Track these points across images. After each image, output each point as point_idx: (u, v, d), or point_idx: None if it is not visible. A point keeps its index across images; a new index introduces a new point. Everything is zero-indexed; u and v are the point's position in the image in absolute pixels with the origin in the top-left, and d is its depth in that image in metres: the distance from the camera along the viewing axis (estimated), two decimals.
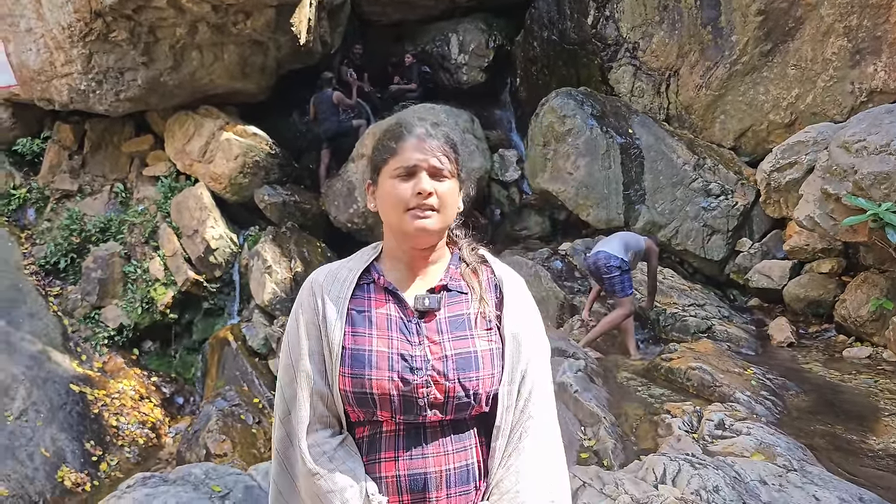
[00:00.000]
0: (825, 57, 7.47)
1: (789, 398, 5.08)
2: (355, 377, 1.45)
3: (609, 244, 6.29)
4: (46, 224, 9.79)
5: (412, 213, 1.47)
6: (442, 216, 1.50)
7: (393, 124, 1.58)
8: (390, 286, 1.55)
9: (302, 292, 1.60)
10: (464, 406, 1.47)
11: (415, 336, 1.49)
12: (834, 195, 6.13)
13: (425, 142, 1.50)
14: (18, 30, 9.00)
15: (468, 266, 1.62)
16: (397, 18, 12.05)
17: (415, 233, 1.49)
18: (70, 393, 7.72)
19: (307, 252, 8.91)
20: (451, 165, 1.52)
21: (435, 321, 1.51)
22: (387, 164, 1.52)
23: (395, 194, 1.49)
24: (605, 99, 8.91)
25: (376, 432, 1.50)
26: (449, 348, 1.48)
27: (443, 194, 1.49)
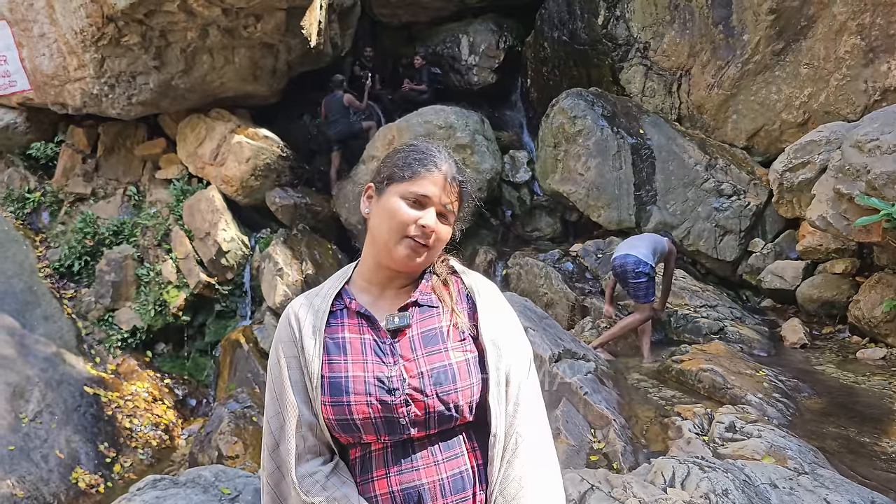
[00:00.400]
0: (838, 55, 7.40)
1: (802, 400, 5.04)
2: (335, 404, 1.46)
3: (638, 249, 6.18)
4: (60, 227, 9.88)
5: (407, 242, 1.49)
6: (430, 254, 1.53)
7: (425, 148, 1.59)
8: (362, 309, 1.55)
9: (280, 325, 1.61)
10: (446, 419, 1.47)
11: (389, 357, 1.49)
12: (847, 195, 6.08)
13: (450, 182, 1.54)
14: (32, 35, 9.09)
15: (439, 278, 1.62)
16: (407, 20, 12.06)
17: (401, 259, 1.51)
18: (84, 395, 7.78)
19: (318, 254, 8.94)
20: (457, 211, 1.58)
21: (408, 339, 1.51)
22: (402, 182, 1.53)
23: (398, 215, 1.50)
24: (615, 99, 8.88)
25: (366, 453, 1.50)
26: (423, 364, 1.47)
27: (440, 234, 1.53)
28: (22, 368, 7.59)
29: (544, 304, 7.51)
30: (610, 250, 7.90)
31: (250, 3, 8.06)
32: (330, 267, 8.83)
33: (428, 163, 1.54)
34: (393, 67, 12.27)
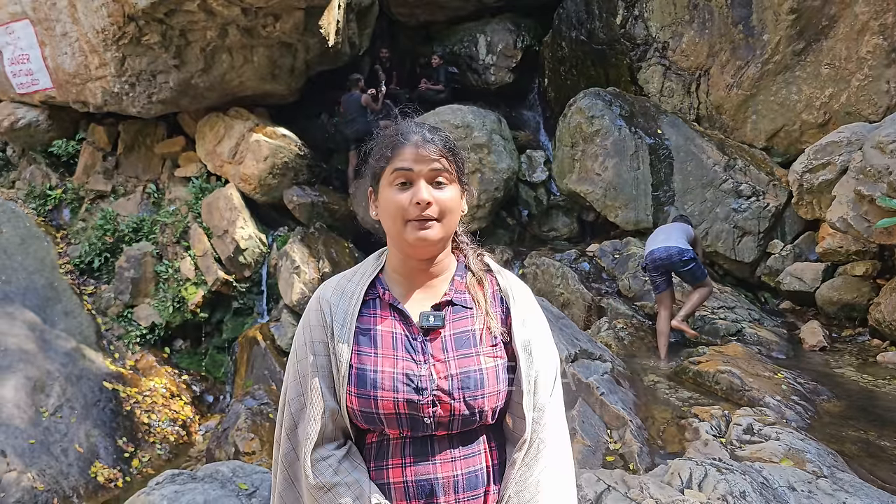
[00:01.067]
0: (860, 56, 7.33)
1: (821, 403, 5.00)
2: (362, 396, 1.46)
3: (674, 238, 6.20)
4: (81, 224, 10.00)
5: (412, 224, 1.45)
6: (443, 225, 1.47)
7: (389, 131, 1.55)
8: (395, 302, 1.54)
9: (309, 308, 1.60)
10: (469, 422, 1.47)
11: (420, 355, 1.48)
12: (868, 196, 6.02)
13: (422, 148, 1.47)
14: (54, 34, 9.20)
15: (473, 276, 1.59)
16: (425, 19, 12.07)
17: (415, 243, 1.47)
18: (103, 390, 7.87)
19: (335, 252, 8.98)
20: (451, 170, 1.49)
21: (440, 339, 1.50)
22: (384, 172, 1.50)
23: (393, 204, 1.47)
24: (633, 99, 8.84)
25: (384, 440, 1.50)
26: (454, 367, 1.47)
27: (443, 201, 1.46)
28: (42, 363, 7.69)
29: (560, 304, 7.49)
30: (627, 250, 7.88)
31: (269, 3, 8.10)
32: (346, 265, 8.86)
33: (395, 141, 1.50)
34: (410, 67, 12.28)
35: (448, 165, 1.48)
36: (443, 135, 1.53)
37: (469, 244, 1.66)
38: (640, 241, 8.08)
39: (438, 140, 1.50)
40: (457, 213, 1.52)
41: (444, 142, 1.51)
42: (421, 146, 1.47)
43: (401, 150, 1.48)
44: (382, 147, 1.53)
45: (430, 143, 1.48)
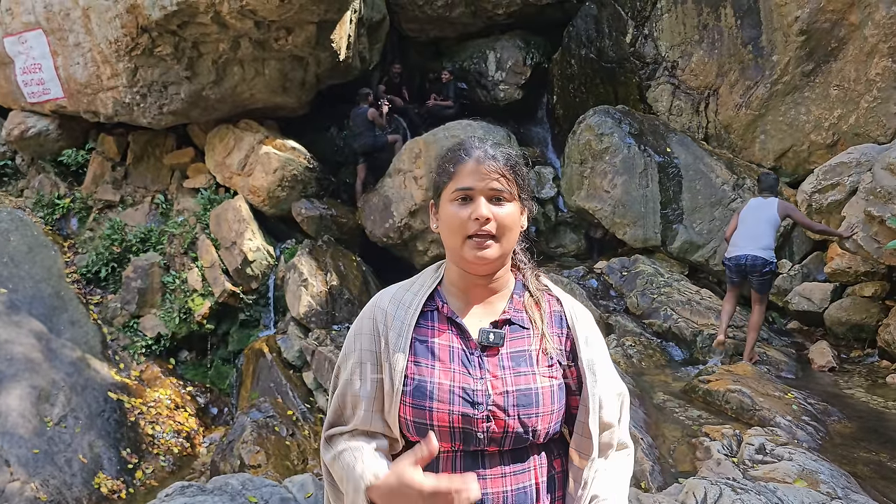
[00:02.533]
0: (869, 77, 7.36)
1: (831, 424, 4.98)
2: (416, 407, 1.47)
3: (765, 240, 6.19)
4: (89, 233, 10.01)
5: (471, 241, 1.46)
6: (502, 242, 1.48)
7: (454, 146, 1.57)
8: (453, 316, 1.54)
9: (363, 316, 1.61)
10: (522, 440, 1.48)
11: (476, 370, 1.49)
12: (878, 217, 6.03)
13: (483, 164, 1.47)
14: (67, 44, 9.27)
15: (531, 296, 1.60)
16: (435, 35, 12.15)
17: (474, 260, 1.48)
18: (108, 400, 7.85)
19: (343, 266, 8.98)
20: (511, 188, 1.49)
21: (497, 356, 1.51)
22: (446, 187, 1.52)
23: (453, 220, 1.48)
24: (642, 117, 8.87)
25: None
26: (510, 384, 1.48)
27: (502, 219, 1.47)
28: (48, 372, 7.68)
29: None
30: (635, 268, 7.88)
31: (282, 17, 8.16)
32: (354, 279, 8.87)
33: (458, 156, 1.52)
34: (420, 82, 12.34)
35: (508, 184, 1.49)
36: (505, 151, 1.54)
37: (527, 263, 1.67)
38: (647, 258, 8.09)
39: (501, 156, 1.51)
40: (516, 231, 1.52)
41: (506, 158, 1.52)
42: (482, 162, 1.48)
43: (462, 165, 1.49)
44: (445, 162, 1.55)
45: (492, 159, 1.49)
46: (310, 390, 8.01)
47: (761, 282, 6.21)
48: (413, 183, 8.97)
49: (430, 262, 9.11)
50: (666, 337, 6.98)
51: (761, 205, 6.31)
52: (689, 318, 6.97)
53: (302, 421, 7.57)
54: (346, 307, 8.56)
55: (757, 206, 6.32)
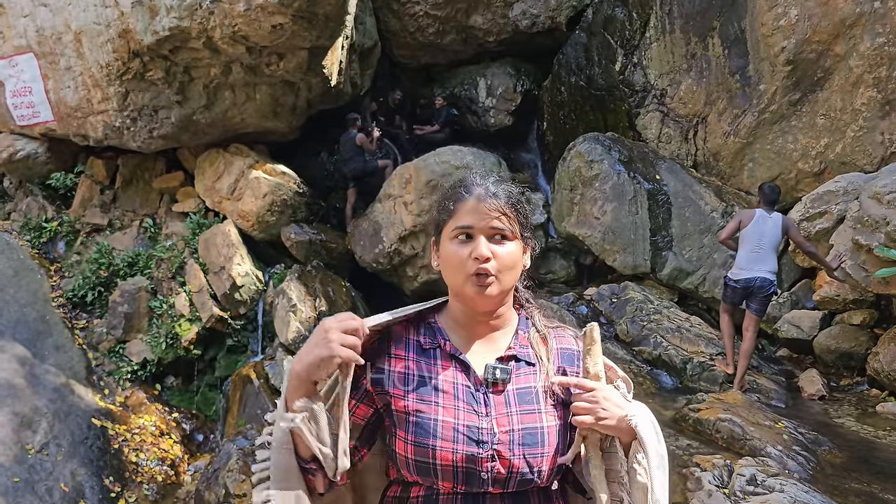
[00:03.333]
0: (854, 107, 7.44)
1: (822, 454, 4.96)
2: (419, 445, 1.42)
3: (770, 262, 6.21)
4: (76, 257, 9.93)
5: (471, 279, 1.44)
6: (502, 281, 1.47)
7: (455, 182, 1.56)
8: (457, 353, 1.52)
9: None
10: (526, 482, 1.44)
11: (482, 407, 1.46)
12: (866, 246, 6.06)
13: (484, 202, 1.47)
14: (58, 67, 9.26)
15: (538, 332, 1.59)
16: (427, 62, 12.24)
17: (475, 298, 1.46)
18: (91, 427, 7.73)
19: (332, 291, 8.93)
20: (512, 226, 1.48)
21: (503, 393, 1.48)
22: (446, 225, 1.51)
23: (454, 258, 1.47)
24: (632, 144, 8.93)
25: (433, 494, 1.46)
26: (517, 422, 1.45)
27: (503, 258, 1.45)
28: (31, 399, 7.56)
29: None
30: (625, 295, 7.87)
31: (274, 42, 8.19)
32: (343, 304, 8.81)
33: (458, 193, 1.51)
34: (411, 108, 12.40)
35: (509, 222, 1.48)
36: (507, 188, 1.52)
37: (532, 301, 1.66)
38: (637, 285, 8.09)
39: (502, 194, 1.49)
40: (517, 269, 1.51)
41: (508, 196, 1.50)
42: (483, 200, 1.47)
43: (462, 203, 1.49)
44: (445, 199, 1.54)
45: (493, 197, 1.48)
46: None
47: (763, 304, 6.26)
48: (403, 208, 8.97)
49: (419, 288, 9.10)
50: (656, 364, 6.96)
51: (766, 221, 6.21)
52: (679, 346, 6.96)
53: None
54: None
55: (762, 223, 6.21)
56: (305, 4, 7.78)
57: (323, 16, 8.16)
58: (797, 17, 7.50)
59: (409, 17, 11.33)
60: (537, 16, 11.02)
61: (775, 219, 6.23)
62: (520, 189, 1.56)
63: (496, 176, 1.56)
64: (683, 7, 8.69)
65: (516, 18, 11.10)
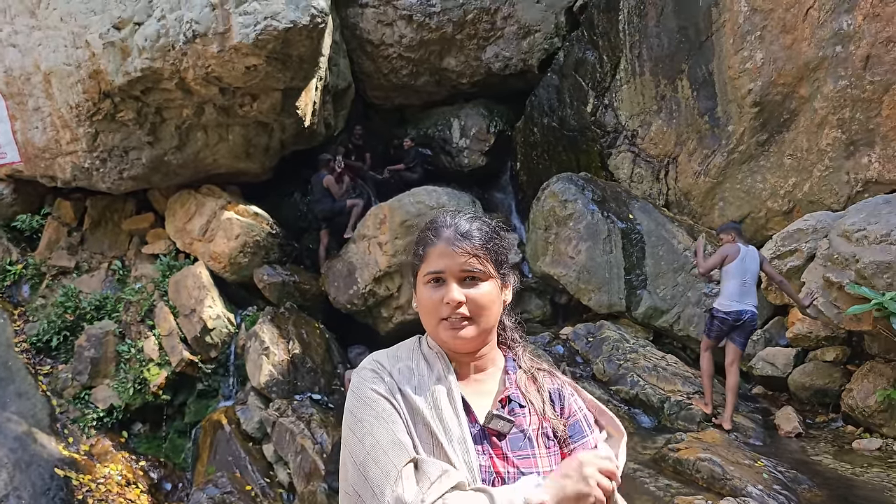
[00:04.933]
0: (820, 147, 7.60)
1: (802, 492, 4.94)
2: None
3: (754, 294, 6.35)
4: (41, 301, 9.68)
5: (445, 324, 1.42)
6: (478, 323, 1.43)
7: (425, 225, 1.53)
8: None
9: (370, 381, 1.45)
10: None
11: (478, 445, 1.41)
12: (837, 283, 6.13)
13: (453, 246, 1.43)
14: (26, 108, 9.16)
15: (526, 374, 1.55)
16: (400, 103, 12.35)
17: (450, 342, 1.44)
18: (55, 477, 7.45)
19: (306, 333, 8.79)
20: (484, 267, 1.44)
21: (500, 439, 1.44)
22: (419, 270, 1.49)
23: (427, 303, 1.45)
24: (605, 184, 9.03)
25: None
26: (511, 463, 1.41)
27: (476, 299, 1.42)
28: None
29: None
30: (601, 334, 7.86)
31: (248, 84, 8.20)
32: (317, 346, 8.68)
33: (427, 238, 1.48)
34: (384, 148, 12.45)
35: (481, 263, 1.44)
36: (479, 226, 1.49)
37: (518, 340, 1.62)
38: (613, 324, 8.09)
39: (474, 233, 1.46)
40: (494, 308, 1.47)
41: (480, 234, 1.47)
42: (452, 244, 1.44)
43: (432, 248, 1.46)
44: (416, 244, 1.52)
45: (463, 238, 1.44)
46: (270, 464, 7.71)
47: (747, 338, 6.44)
48: (378, 249, 8.92)
49: (394, 329, 9.00)
50: (633, 404, 6.93)
51: (748, 257, 6.40)
52: (656, 385, 6.94)
53: (261, 496, 7.26)
54: (308, 376, 8.35)
55: (746, 259, 6.39)
56: (280, 46, 7.81)
57: (297, 57, 8.20)
58: (763, 61, 7.70)
59: (382, 58, 11.44)
60: (510, 58, 11.20)
61: (752, 253, 6.43)
62: (495, 224, 1.53)
63: (469, 213, 1.52)
64: (652, 50, 8.88)
65: (489, 61, 11.27)
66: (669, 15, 8.65)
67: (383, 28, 11.19)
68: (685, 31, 8.48)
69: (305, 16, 7.79)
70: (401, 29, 11.10)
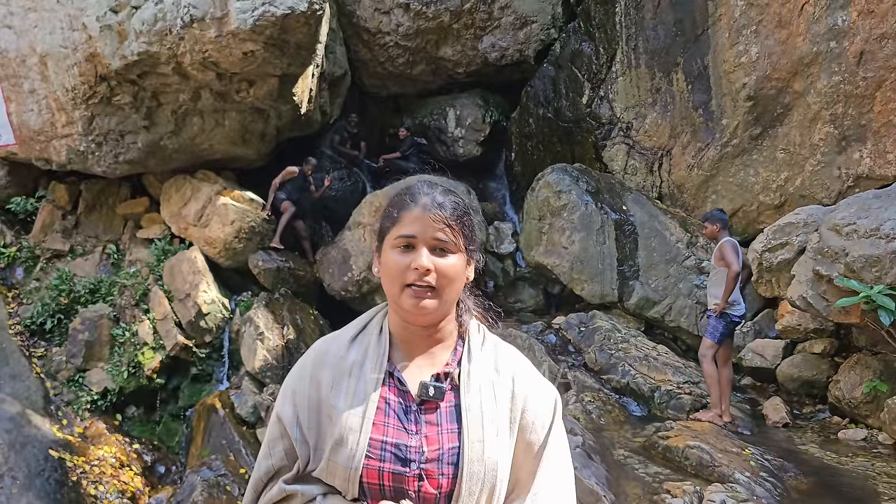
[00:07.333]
0: (812, 142, 7.68)
1: (788, 480, 5.03)
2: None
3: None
4: (35, 284, 9.68)
5: (409, 291, 1.40)
6: (442, 295, 1.42)
7: (401, 190, 1.50)
8: (394, 370, 1.48)
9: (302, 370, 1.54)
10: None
11: (412, 425, 1.41)
12: (826, 276, 6.21)
13: (429, 213, 1.41)
14: (21, 90, 9.13)
15: (469, 349, 1.52)
16: (396, 91, 12.35)
17: (410, 310, 1.42)
18: (49, 459, 7.49)
19: (300, 319, 8.84)
20: (456, 239, 1.43)
21: (436, 411, 1.44)
22: (389, 232, 1.45)
23: (393, 267, 1.42)
24: (599, 176, 9.09)
25: None
26: (447, 441, 1.40)
27: (444, 270, 1.40)
28: None
29: None
30: (593, 324, 7.94)
31: (245, 69, 8.20)
32: (311, 332, 8.73)
33: (404, 201, 1.45)
34: (379, 137, 12.47)
35: (453, 235, 1.43)
36: (454, 199, 1.47)
37: (472, 313, 1.59)
38: (605, 314, 8.17)
39: (449, 205, 1.44)
40: (458, 283, 1.46)
41: (454, 208, 1.45)
42: (429, 210, 1.42)
43: (407, 212, 1.43)
44: (391, 206, 1.49)
45: (439, 208, 1.43)
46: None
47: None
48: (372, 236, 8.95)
49: None
50: (624, 392, 7.01)
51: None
52: (647, 374, 7.03)
53: None
54: None
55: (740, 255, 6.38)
56: (277, 32, 7.82)
57: (294, 44, 8.20)
58: (758, 55, 7.76)
59: (379, 47, 11.44)
60: (506, 48, 11.22)
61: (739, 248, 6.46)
62: (467, 202, 1.52)
63: (444, 186, 1.51)
64: (648, 43, 8.94)
65: (486, 51, 11.29)
66: (666, 8, 8.70)
67: (380, 16, 11.19)
68: (681, 25, 8.54)
69: (303, 2, 7.79)
70: (398, 17, 11.10)
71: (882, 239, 5.80)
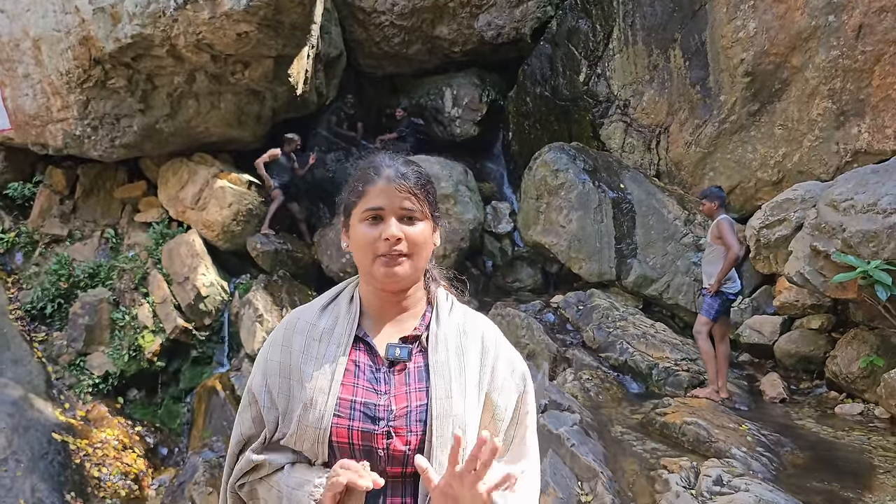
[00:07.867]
0: (811, 118, 7.65)
1: (785, 455, 5.07)
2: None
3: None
4: (34, 269, 9.70)
5: (381, 260, 1.46)
6: (413, 261, 1.48)
7: (364, 164, 1.56)
8: (364, 336, 1.53)
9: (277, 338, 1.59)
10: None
11: (381, 385, 1.47)
12: (823, 252, 6.21)
13: (394, 183, 1.47)
14: (16, 75, 9.08)
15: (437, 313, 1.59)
16: (392, 71, 12.28)
17: (384, 278, 1.47)
18: (52, 442, 7.55)
19: (299, 301, 8.86)
20: (422, 207, 1.49)
21: (404, 372, 1.49)
22: (356, 206, 1.51)
23: (364, 239, 1.47)
24: (596, 154, 9.06)
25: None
26: (414, 399, 1.45)
27: (413, 237, 1.47)
28: None
29: (526, 354, 7.50)
30: (591, 302, 7.95)
31: (240, 51, 8.15)
32: None
33: (368, 175, 1.50)
34: (376, 117, 12.42)
35: (419, 203, 1.49)
36: (416, 169, 1.53)
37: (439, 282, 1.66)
38: (603, 292, 8.19)
39: (412, 175, 1.50)
40: (427, 249, 1.53)
41: (417, 177, 1.51)
42: (393, 181, 1.47)
43: (372, 185, 1.49)
44: (355, 181, 1.54)
45: (403, 178, 1.48)
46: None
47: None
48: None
49: None
50: (622, 370, 7.04)
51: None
52: (645, 352, 7.06)
53: None
54: None
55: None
56: (271, 13, 7.76)
57: (289, 24, 8.15)
58: (755, 30, 7.71)
59: (374, 26, 11.36)
60: (502, 27, 11.14)
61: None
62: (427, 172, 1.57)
63: (404, 157, 1.57)
64: (645, 19, 8.87)
65: (482, 29, 11.20)
66: None
67: None
68: (678, 0, 8.46)
69: None
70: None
71: (879, 214, 5.79)
